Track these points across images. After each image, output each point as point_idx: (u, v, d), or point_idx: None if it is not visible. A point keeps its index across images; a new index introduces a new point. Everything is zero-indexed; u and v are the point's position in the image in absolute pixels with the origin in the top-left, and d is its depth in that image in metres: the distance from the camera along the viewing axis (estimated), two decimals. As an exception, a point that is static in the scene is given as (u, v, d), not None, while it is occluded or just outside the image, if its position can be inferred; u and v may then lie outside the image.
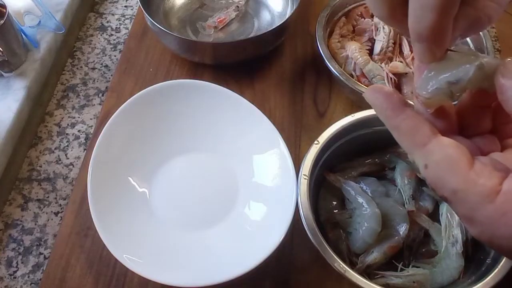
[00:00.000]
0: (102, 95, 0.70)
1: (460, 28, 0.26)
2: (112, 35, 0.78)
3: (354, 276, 0.44)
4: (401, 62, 0.66)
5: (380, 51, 0.67)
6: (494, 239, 0.23)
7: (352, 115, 0.54)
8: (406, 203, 0.52)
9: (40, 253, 0.56)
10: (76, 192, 0.59)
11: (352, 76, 0.66)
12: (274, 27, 0.65)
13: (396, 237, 0.50)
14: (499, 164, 0.24)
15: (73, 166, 0.63)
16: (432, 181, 0.25)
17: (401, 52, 0.68)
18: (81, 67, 0.73)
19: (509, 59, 0.24)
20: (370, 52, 0.68)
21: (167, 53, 0.73)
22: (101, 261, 0.54)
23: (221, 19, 0.75)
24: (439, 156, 0.24)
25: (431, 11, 0.24)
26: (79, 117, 0.67)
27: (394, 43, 0.68)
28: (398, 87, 0.65)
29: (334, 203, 0.55)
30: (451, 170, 0.24)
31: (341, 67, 0.65)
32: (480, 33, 0.66)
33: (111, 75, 0.72)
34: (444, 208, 0.52)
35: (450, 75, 0.25)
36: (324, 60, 0.64)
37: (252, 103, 0.58)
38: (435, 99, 0.26)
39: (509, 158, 0.26)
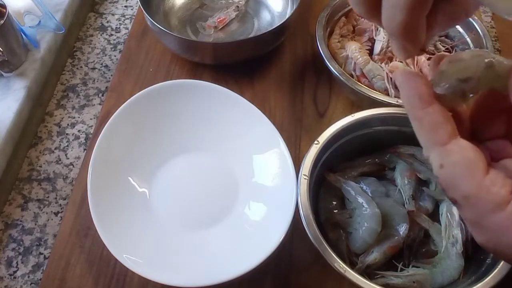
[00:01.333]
0: (102, 95, 0.70)
1: (439, 24, 0.26)
2: (112, 35, 0.78)
3: (354, 276, 0.44)
4: (401, 62, 0.66)
5: (380, 51, 0.67)
6: (500, 247, 0.23)
7: (352, 115, 0.54)
8: (406, 203, 0.52)
9: (40, 253, 0.56)
10: (76, 192, 0.59)
11: (352, 76, 0.66)
12: (274, 27, 0.65)
13: (396, 237, 0.50)
14: (509, 172, 0.24)
15: (73, 166, 0.63)
16: (445, 182, 0.24)
17: (401, 52, 0.68)
18: (81, 67, 0.73)
19: None
20: (370, 52, 0.68)
21: (167, 53, 0.73)
22: (101, 261, 0.54)
23: (221, 19, 0.75)
24: (457, 157, 0.24)
25: (401, 11, 0.24)
26: (79, 117, 0.67)
27: (394, 43, 0.68)
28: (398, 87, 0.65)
29: (334, 203, 0.55)
30: (467, 173, 0.23)
31: (341, 67, 0.65)
32: (480, 33, 0.67)
33: (111, 75, 0.72)
34: (444, 208, 0.52)
35: (460, 73, 0.25)
36: (324, 60, 0.64)
37: (252, 103, 0.58)
38: (448, 98, 0.26)
39: None
